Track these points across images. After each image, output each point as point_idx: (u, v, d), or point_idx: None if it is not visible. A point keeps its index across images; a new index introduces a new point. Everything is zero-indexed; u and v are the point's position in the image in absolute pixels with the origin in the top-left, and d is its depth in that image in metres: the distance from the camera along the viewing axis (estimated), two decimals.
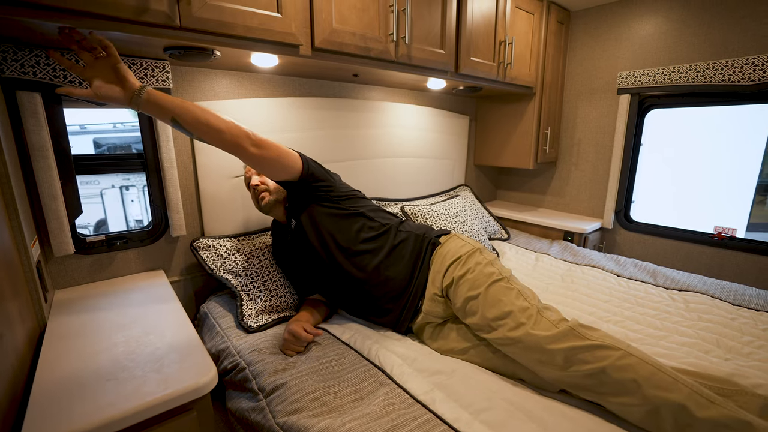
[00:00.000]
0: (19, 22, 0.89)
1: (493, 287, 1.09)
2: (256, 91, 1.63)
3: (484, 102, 2.62)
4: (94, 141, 4.72)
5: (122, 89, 0.89)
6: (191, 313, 1.56)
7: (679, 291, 1.64)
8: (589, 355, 0.90)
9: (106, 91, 0.87)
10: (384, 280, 1.23)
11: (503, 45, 1.98)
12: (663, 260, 2.29)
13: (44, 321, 1.10)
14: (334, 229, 1.25)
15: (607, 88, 2.35)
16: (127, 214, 4.42)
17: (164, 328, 1.05)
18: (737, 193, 3.70)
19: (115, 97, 0.88)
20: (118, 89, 0.88)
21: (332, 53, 1.37)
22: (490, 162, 2.66)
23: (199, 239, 1.46)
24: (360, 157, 1.99)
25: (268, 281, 1.40)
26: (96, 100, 0.88)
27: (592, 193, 2.53)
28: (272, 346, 1.16)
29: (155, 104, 0.92)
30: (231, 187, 1.58)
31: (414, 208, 1.96)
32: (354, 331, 1.25)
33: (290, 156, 1.17)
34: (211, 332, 1.31)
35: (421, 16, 1.60)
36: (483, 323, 1.06)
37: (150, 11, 0.99)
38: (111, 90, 0.88)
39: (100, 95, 0.87)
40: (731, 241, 2.03)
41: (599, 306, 1.52)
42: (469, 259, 1.19)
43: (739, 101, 1.97)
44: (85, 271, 1.36)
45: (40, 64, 1.13)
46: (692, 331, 1.31)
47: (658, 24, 2.12)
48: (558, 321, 0.99)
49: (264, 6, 1.17)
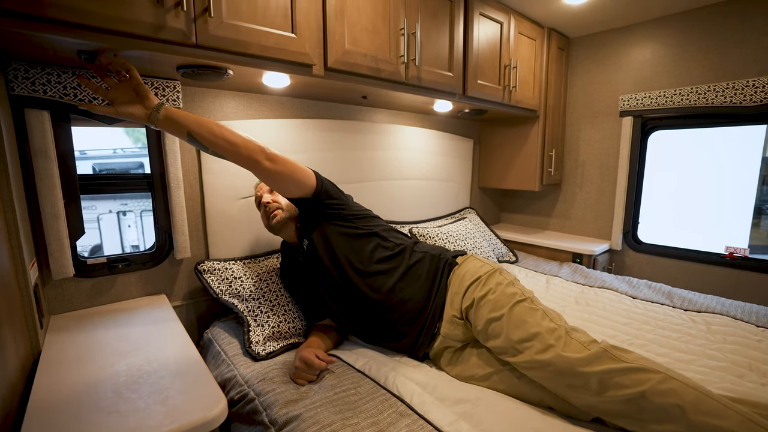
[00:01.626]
0: (32, 39, 0.88)
1: (517, 308, 1.04)
2: (265, 113, 1.62)
3: (487, 125, 2.65)
4: (93, 167, 4.70)
5: (142, 107, 0.95)
6: (194, 339, 1.48)
7: (698, 312, 1.59)
8: (627, 378, 0.84)
9: (126, 108, 0.94)
10: (399, 301, 1.18)
11: (508, 69, 2.01)
12: (675, 281, 2.25)
13: (39, 348, 1.03)
14: (347, 248, 1.21)
15: (608, 111, 2.39)
16: (123, 239, 4.34)
17: (168, 355, 0.98)
18: (737, 214, 3.72)
19: (136, 114, 0.95)
20: (138, 107, 0.95)
21: (344, 73, 1.37)
22: (495, 184, 2.65)
23: (203, 262, 1.41)
24: (367, 179, 1.97)
25: (276, 306, 1.33)
26: (116, 116, 0.94)
27: (598, 215, 2.52)
28: (283, 375, 1.09)
29: (172, 120, 0.96)
30: (238, 209, 1.54)
31: (423, 231, 1.92)
32: (368, 358, 1.18)
33: (304, 172, 1.16)
34: (216, 360, 1.23)
35: (429, 40, 1.63)
36: (507, 346, 1.00)
37: (167, 28, 0.99)
38: (132, 108, 0.94)
39: (121, 112, 0.94)
40: (744, 261, 2.00)
41: (619, 329, 1.46)
42: (489, 279, 1.15)
43: (741, 122, 2.00)
44: (84, 295, 1.29)
45: (51, 82, 1.11)
46: (721, 354, 1.25)
47: (656, 49, 2.18)
48: (589, 343, 0.94)
49: (279, 26, 1.18)
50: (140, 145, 5.34)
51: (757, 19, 1.85)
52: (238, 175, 1.51)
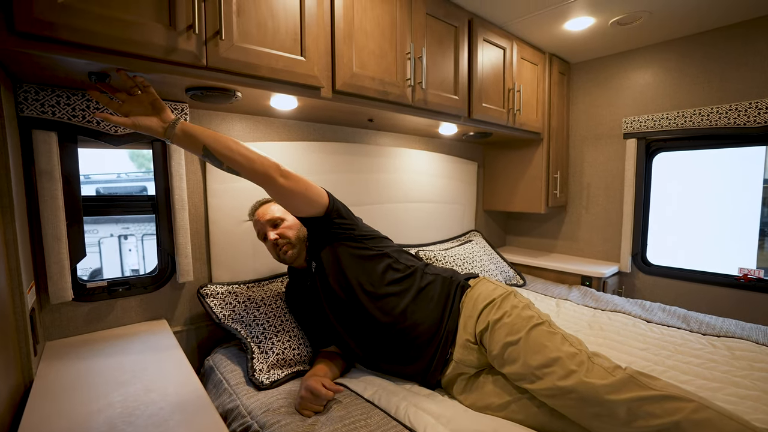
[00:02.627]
0: (44, 60, 0.89)
1: (535, 331, 1.00)
2: (271, 135, 1.63)
3: (490, 148, 2.66)
4: (97, 190, 4.72)
5: (159, 120, 0.95)
6: (195, 366, 1.41)
7: (717, 337, 1.53)
8: (658, 407, 0.79)
9: (143, 121, 0.93)
10: (411, 324, 1.13)
11: (512, 92, 2.04)
12: (688, 304, 2.19)
13: (31, 377, 0.98)
14: (358, 270, 1.17)
15: (612, 134, 2.40)
16: (123, 263, 4.29)
17: (167, 384, 0.93)
18: (743, 236, 3.68)
19: (152, 127, 0.94)
20: (155, 120, 0.95)
21: (352, 96, 1.38)
22: (500, 207, 2.63)
23: (206, 286, 1.37)
24: (373, 201, 1.95)
25: (281, 332, 1.28)
26: (133, 128, 0.93)
27: (605, 237, 2.49)
28: (288, 405, 1.03)
29: (189, 134, 0.96)
30: (242, 232, 1.51)
31: (429, 254, 1.89)
32: (377, 387, 1.12)
33: (317, 190, 1.15)
34: (217, 389, 1.17)
35: (435, 64, 1.65)
36: (526, 372, 0.95)
37: (178, 51, 0.99)
38: (149, 121, 0.94)
39: (138, 124, 0.93)
40: (759, 283, 1.95)
41: (636, 354, 1.40)
42: (504, 302, 1.10)
43: (744, 143, 2.00)
44: (82, 320, 1.24)
45: (60, 104, 1.12)
46: (748, 381, 1.19)
47: (656, 73, 2.21)
48: (613, 368, 0.89)
49: (289, 49, 1.20)
50: (144, 169, 5.39)
51: (759, 43, 1.89)
52: (243, 198, 1.49)
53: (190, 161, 1.42)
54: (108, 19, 0.89)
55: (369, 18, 1.40)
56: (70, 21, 0.84)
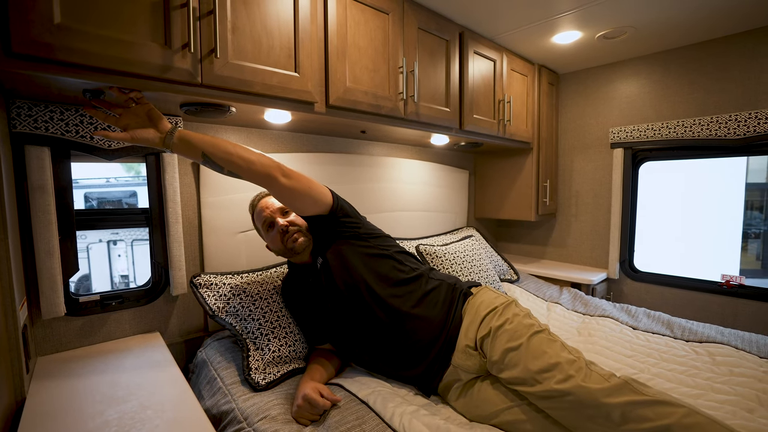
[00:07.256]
0: (39, 79, 0.89)
1: (535, 338, 1.03)
2: (265, 147, 1.64)
3: (481, 157, 2.70)
4: (85, 195, 4.66)
5: (156, 131, 0.96)
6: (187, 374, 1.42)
7: (700, 343, 1.58)
8: (650, 411, 0.82)
9: (141, 133, 0.95)
10: (414, 327, 1.15)
11: (502, 103, 2.08)
12: (672, 309, 2.25)
13: (23, 395, 0.97)
14: (364, 269, 1.18)
15: (600, 143, 2.46)
16: (113, 269, 4.24)
17: (164, 401, 0.94)
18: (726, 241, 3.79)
19: (150, 138, 0.95)
20: (152, 131, 0.96)
21: (346, 110, 1.40)
22: (491, 215, 2.68)
23: (199, 275, 1.34)
24: (366, 211, 1.97)
25: (278, 328, 1.26)
26: (132, 142, 0.95)
27: (594, 244, 2.54)
28: (285, 412, 1.03)
29: (187, 142, 0.97)
30: (235, 244, 1.52)
31: (429, 249, 1.91)
32: (372, 388, 1.13)
33: (321, 188, 1.16)
34: (211, 386, 1.17)
35: (427, 77, 1.68)
36: (526, 376, 0.98)
37: (173, 69, 1.00)
38: (146, 132, 0.95)
39: (136, 138, 0.94)
40: (741, 289, 2.02)
41: (624, 362, 1.44)
42: (506, 310, 1.14)
43: (725, 154, 2.07)
44: (74, 334, 1.24)
45: (54, 120, 1.12)
46: (728, 387, 1.23)
47: (641, 85, 2.28)
48: (609, 375, 0.93)
49: (283, 65, 1.21)
50: (133, 173, 5.32)
51: (738, 58, 1.96)
52: (236, 210, 1.50)
53: (184, 174, 1.42)
54: (104, 39, 0.89)
55: (362, 33, 1.42)
56: (66, 42, 0.84)
